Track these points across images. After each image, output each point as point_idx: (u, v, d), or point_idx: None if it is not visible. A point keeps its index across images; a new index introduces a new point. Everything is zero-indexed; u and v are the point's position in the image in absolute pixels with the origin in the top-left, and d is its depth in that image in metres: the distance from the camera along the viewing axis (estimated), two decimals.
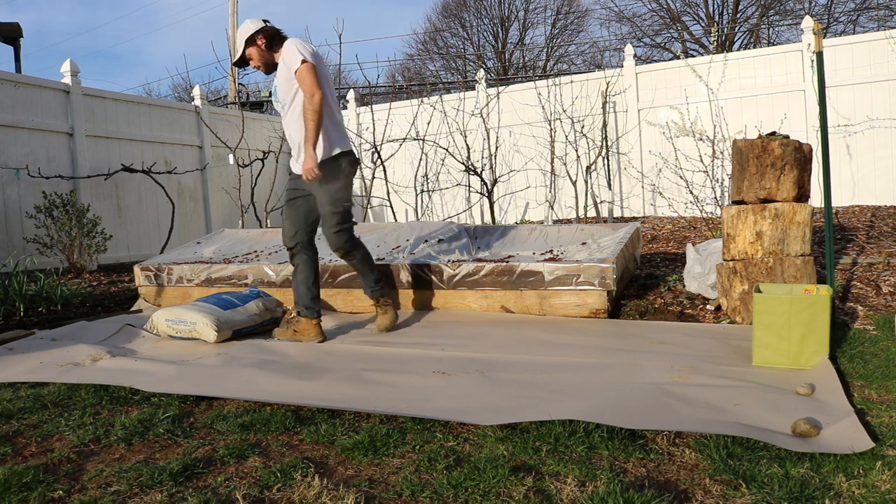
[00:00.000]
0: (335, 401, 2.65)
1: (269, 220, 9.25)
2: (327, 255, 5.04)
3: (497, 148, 9.27)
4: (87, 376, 3.16)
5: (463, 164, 8.96)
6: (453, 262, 4.48)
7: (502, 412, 2.43)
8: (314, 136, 3.52)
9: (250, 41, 3.70)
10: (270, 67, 3.75)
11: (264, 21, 3.74)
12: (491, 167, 9.03)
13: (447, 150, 9.13)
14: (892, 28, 13.16)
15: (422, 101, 9.83)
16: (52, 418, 2.68)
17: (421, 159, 9.36)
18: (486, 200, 8.92)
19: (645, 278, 5.00)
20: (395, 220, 9.15)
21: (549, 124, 8.75)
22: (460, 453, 2.17)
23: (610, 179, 8.76)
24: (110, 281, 6.33)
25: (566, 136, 8.78)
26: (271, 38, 3.70)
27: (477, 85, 9.82)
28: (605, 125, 8.70)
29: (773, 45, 19.72)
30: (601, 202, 8.70)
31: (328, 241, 3.81)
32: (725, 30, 21.32)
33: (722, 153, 7.31)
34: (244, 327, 3.93)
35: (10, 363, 3.49)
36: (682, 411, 2.37)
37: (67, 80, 7.58)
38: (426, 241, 5.07)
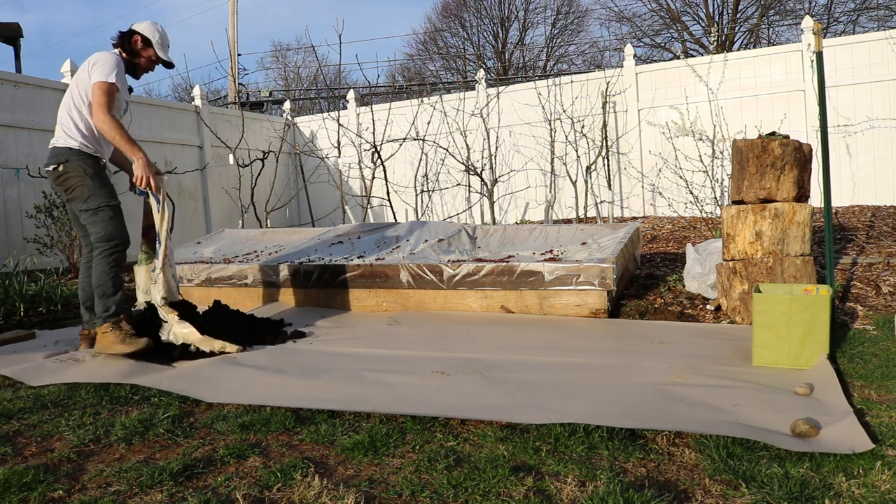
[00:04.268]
0: (334, 401, 2.65)
1: (268, 221, 9.25)
2: (327, 256, 5.04)
3: (497, 148, 9.27)
4: (87, 376, 3.16)
5: (463, 164, 8.96)
6: (453, 261, 4.48)
7: (501, 412, 2.43)
8: None
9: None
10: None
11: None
12: (491, 167, 9.03)
13: (447, 150, 9.13)
14: (892, 28, 13.16)
15: (422, 101, 9.83)
16: (52, 418, 2.68)
17: (421, 159, 9.36)
18: (486, 200, 8.93)
19: (645, 278, 5.00)
20: (395, 220, 9.15)
21: (549, 124, 8.75)
22: (460, 453, 2.17)
23: (610, 179, 8.76)
24: None
25: (566, 136, 8.78)
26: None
27: (477, 85, 9.82)
28: (605, 125, 8.70)
29: (773, 45, 19.72)
30: (601, 202, 8.70)
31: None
32: (725, 30, 21.31)
33: (722, 153, 7.31)
34: None
35: (10, 364, 3.49)
36: (682, 411, 2.37)
37: (67, 79, 7.57)
38: (426, 240, 5.07)
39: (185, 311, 3.67)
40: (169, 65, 3.79)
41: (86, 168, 3.45)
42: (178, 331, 3.49)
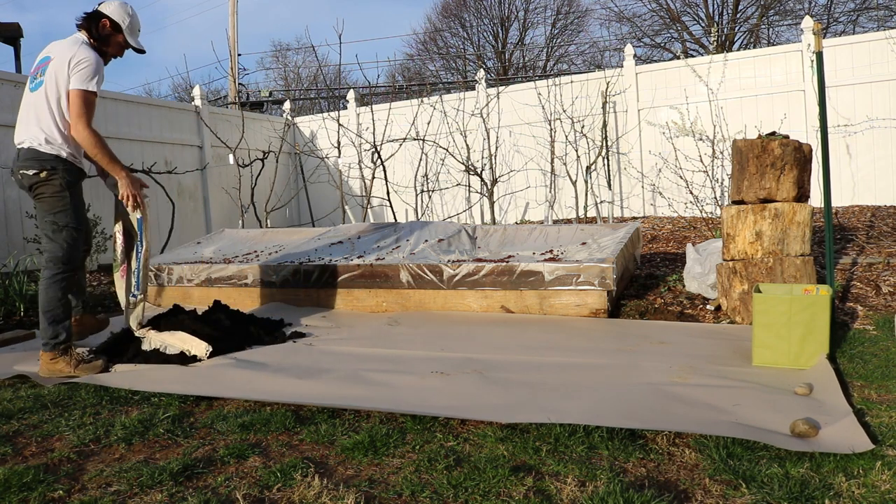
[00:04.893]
0: (335, 398, 2.65)
1: (268, 221, 9.25)
2: (327, 256, 5.04)
3: (497, 148, 9.27)
4: (87, 376, 3.16)
5: (463, 164, 8.96)
6: (453, 261, 4.48)
7: (502, 412, 2.43)
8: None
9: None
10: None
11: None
12: (491, 167, 9.03)
13: (447, 150, 9.13)
14: (892, 28, 13.16)
15: (422, 101, 9.83)
16: (53, 418, 2.68)
17: (421, 159, 9.36)
18: (486, 200, 8.92)
19: (645, 278, 5.00)
20: (395, 220, 9.15)
21: (549, 124, 8.75)
22: (460, 453, 2.17)
23: (610, 179, 8.76)
24: (110, 281, 6.33)
25: (566, 136, 8.78)
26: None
27: (477, 85, 9.82)
28: (605, 125, 8.70)
29: (773, 45, 19.71)
30: (601, 202, 8.70)
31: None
32: (725, 30, 21.31)
33: (722, 153, 7.31)
34: None
35: (11, 363, 3.49)
36: (682, 412, 2.37)
37: None
38: (426, 240, 5.07)
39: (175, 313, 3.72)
40: (140, 51, 3.55)
41: (70, 181, 3.30)
42: (155, 338, 3.49)
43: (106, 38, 3.41)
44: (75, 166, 3.35)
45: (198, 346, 3.42)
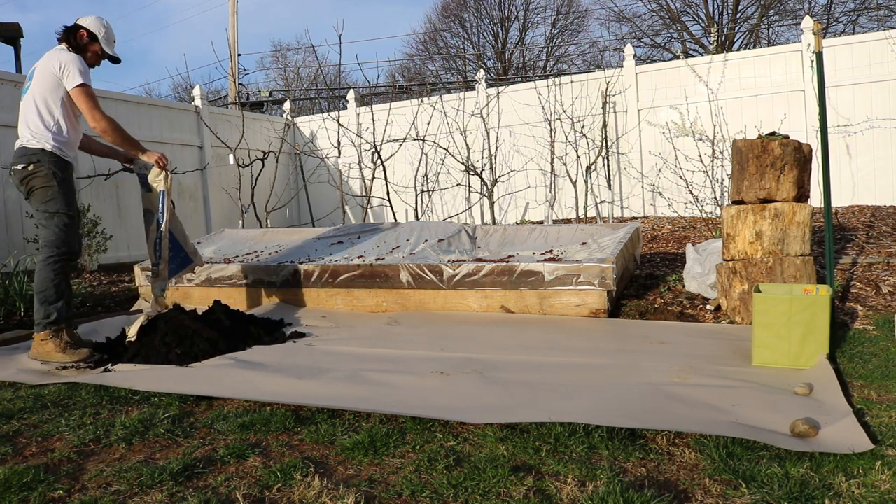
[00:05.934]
0: (335, 398, 2.65)
1: (268, 220, 9.25)
2: (327, 256, 5.04)
3: (497, 148, 9.27)
4: (87, 376, 3.16)
5: (463, 164, 8.96)
6: (453, 261, 4.48)
7: (501, 412, 2.43)
8: None
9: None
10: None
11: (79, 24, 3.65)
12: (491, 167, 9.03)
13: (447, 150, 9.13)
14: (892, 28, 13.16)
15: (422, 101, 9.83)
16: (53, 418, 2.68)
17: (421, 159, 9.37)
18: (486, 200, 8.93)
19: (645, 278, 5.00)
20: (395, 220, 9.15)
21: (549, 124, 8.75)
22: (460, 453, 2.18)
23: (610, 179, 8.76)
24: (110, 281, 6.34)
25: (566, 136, 8.78)
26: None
27: (477, 85, 9.82)
28: (605, 125, 8.70)
29: (773, 45, 19.71)
30: (601, 202, 8.70)
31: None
32: (725, 30, 21.31)
33: (722, 153, 7.31)
34: None
35: (11, 363, 3.49)
36: (682, 411, 2.37)
37: None
38: (426, 240, 5.07)
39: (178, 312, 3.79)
40: (115, 60, 3.79)
41: (56, 172, 3.43)
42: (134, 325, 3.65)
43: (83, 47, 3.62)
44: (62, 159, 3.49)
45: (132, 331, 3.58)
